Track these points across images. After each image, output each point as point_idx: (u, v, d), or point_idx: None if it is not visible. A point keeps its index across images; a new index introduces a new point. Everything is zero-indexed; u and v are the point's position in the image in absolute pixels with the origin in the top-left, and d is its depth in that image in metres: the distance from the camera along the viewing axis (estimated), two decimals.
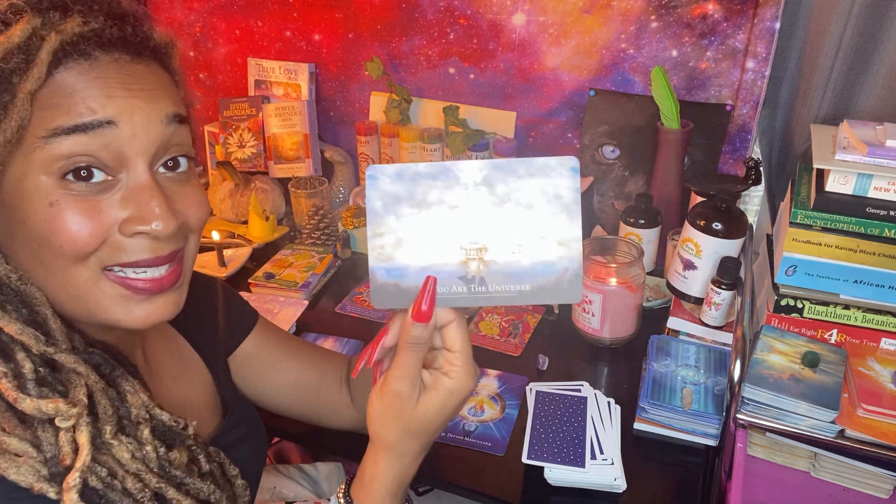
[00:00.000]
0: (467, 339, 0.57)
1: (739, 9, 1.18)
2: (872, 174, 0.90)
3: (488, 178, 0.54)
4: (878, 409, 0.81)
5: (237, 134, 1.61)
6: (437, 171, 0.54)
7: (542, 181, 0.53)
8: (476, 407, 1.02)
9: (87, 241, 0.53)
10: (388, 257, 0.54)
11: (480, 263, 0.54)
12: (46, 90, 0.50)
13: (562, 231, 0.53)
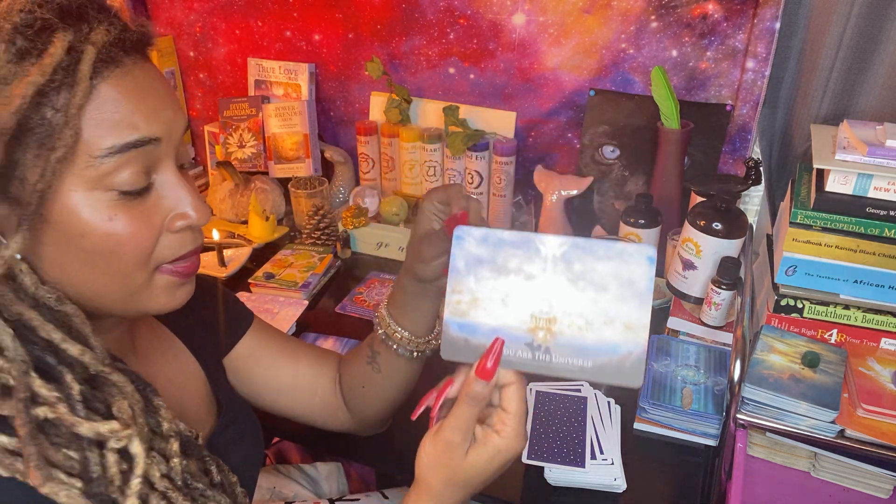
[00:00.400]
0: (523, 403, 0.58)
1: (739, 9, 1.18)
2: (872, 174, 0.90)
3: (567, 255, 0.56)
4: (878, 409, 0.81)
5: (237, 134, 1.61)
6: (521, 241, 0.57)
7: (618, 265, 0.55)
8: None
9: (149, 245, 0.57)
10: (463, 313, 0.58)
11: (548, 334, 0.56)
12: (91, 105, 0.51)
13: (631, 316, 0.55)
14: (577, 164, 1.42)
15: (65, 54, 0.50)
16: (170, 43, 1.66)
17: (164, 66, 1.65)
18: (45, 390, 0.50)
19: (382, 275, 1.39)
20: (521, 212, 1.51)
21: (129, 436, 0.53)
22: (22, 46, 0.49)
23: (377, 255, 1.46)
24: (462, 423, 0.58)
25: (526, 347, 0.57)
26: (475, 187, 1.48)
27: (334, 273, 1.41)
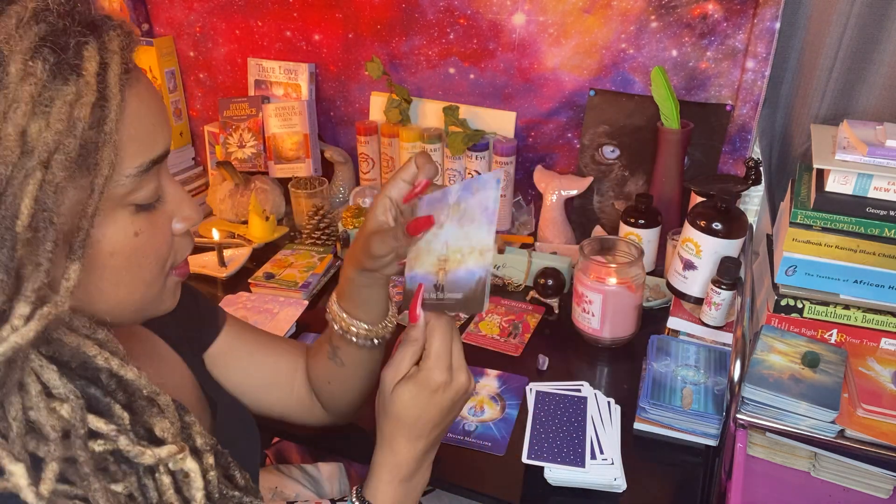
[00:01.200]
0: (444, 340, 0.64)
1: (739, 9, 1.18)
2: (872, 174, 0.90)
3: (459, 199, 0.62)
4: (878, 409, 0.81)
5: (237, 134, 1.61)
6: (441, 196, 0.64)
7: (482, 195, 0.60)
8: (476, 407, 1.02)
9: (168, 252, 0.58)
10: (412, 267, 0.66)
11: (443, 273, 0.63)
12: (122, 120, 0.49)
13: (483, 240, 0.59)
14: (577, 164, 1.42)
15: (98, 66, 0.47)
16: (170, 43, 1.66)
17: (164, 66, 1.65)
18: (103, 424, 0.49)
19: None
20: (521, 212, 1.51)
21: (185, 456, 0.53)
22: (54, 61, 0.45)
23: None
24: (397, 363, 0.65)
25: (433, 289, 0.64)
26: None
27: (334, 273, 1.41)
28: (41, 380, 0.47)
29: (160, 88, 1.66)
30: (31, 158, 0.44)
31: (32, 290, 0.45)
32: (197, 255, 1.45)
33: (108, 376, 0.53)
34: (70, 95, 0.45)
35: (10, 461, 0.45)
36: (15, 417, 0.46)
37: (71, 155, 0.46)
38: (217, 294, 1.34)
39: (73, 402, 0.48)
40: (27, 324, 0.45)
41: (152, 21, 1.66)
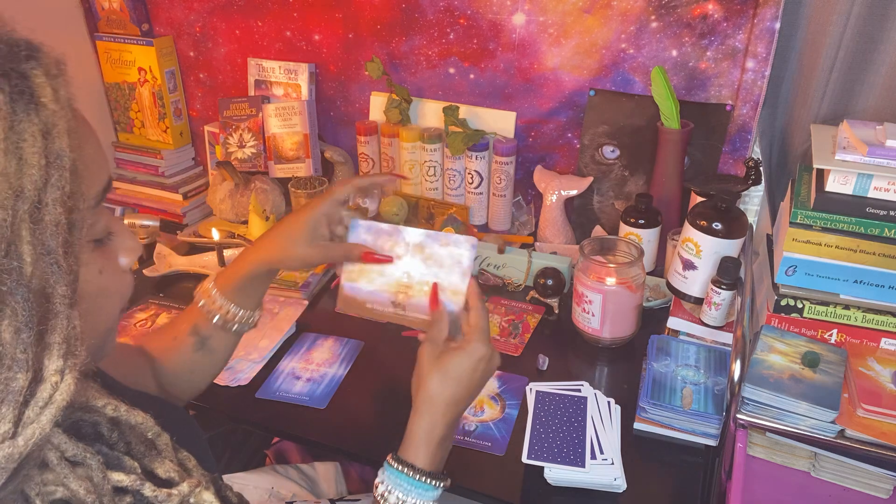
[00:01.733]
0: (484, 318, 0.75)
1: (739, 9, 1.18)
2: (872, 174, 0.90)
3: (422, 243, 0.80)
4: (878, 409, 0.81)
5: (237, 134, 1.61)
6: (392, 231, 0.82)
7: (453, 251, 0.79)
8: (476, 407, 1.02)
9: (126, 290, 0.53)
10: (354, 279, 0.84)
11: (405, 296, 0.82)
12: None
13: (456, 284, 0.79)
14: (577, 164, 1.42)
15: (52, 92, 0.42)
16: (170, 43, 1.66)
17: (164, 66, 1.65)
18: (124, 476, 0.48)
19: None
20: (521, 212, 1.51)
21: (202, 489, 0.53)
22: (9, 90, 0.40)
23: None
24: (432, 338, 0.75)
25: (390, 304, 0.83)
26: (475, 187, 1.48)
27: (334, 273, 1.41)
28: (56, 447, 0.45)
29: (160, 88, 1.66)
30: (23, 201, 0.39)
31: (60, 341, 0.42)
32: (197, 256, 1.45)
33: (108, 428, 0.51)
34: (39, 127, 0.40)
35: None
36: (38, 494, 0.43)
37: (65, 189, 0.42)
38: None
39: (91, 462, 0.46)
40: (63, 379, 0.41)
41: (152, 21, 1.66)
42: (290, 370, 1.12)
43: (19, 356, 0.39)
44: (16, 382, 0.39)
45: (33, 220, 0.40)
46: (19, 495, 0.42)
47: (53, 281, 0.41)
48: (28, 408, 0.40)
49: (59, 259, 0.41)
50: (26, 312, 0.39)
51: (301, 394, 1.07)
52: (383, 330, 1.19)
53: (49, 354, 0.41)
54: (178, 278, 1.40)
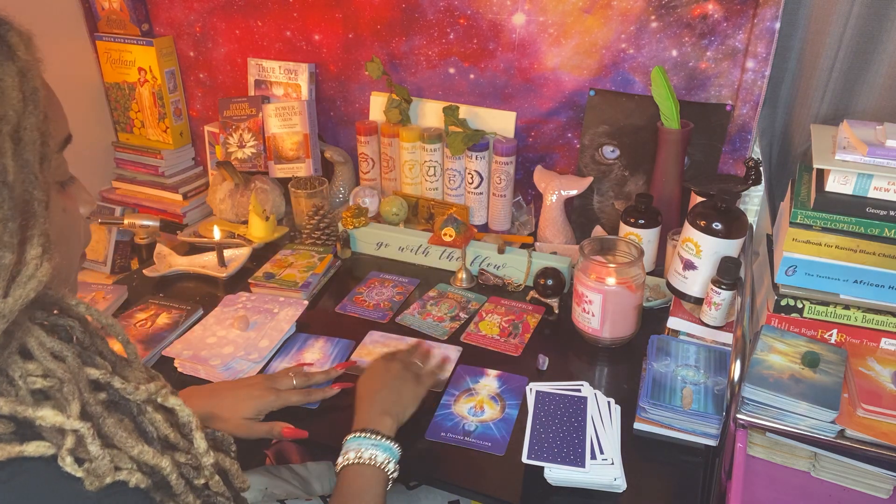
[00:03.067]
0: None
1: (739, 9, 1.18)
2: (872, 174, 0.90)
3: None
4: (878, 409, 0.81)
5: (237, 134, 1.61)
6: None
7: None
8: (476, 407, 1.02)
9: (85, 236, 0.62)
10: None
11: None
12: None
13: None
14: (577, 164, 1.42)
15: (21, 44, 0.51)
16: (170, 43, 1.66)
17: (164, 66, 1.65)
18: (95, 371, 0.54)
19: (382, 275, 1.39)
20: (521, 212, 1.51)
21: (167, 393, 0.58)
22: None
23: (377, 255, 1.47)
24: None
25: None
26: (475, 187, 1.48)
27: (334, 273, 1.41)
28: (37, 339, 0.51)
29: (160, 88, 1.66)
30: (6, 123, 0.49)
31: (38, 234, 0.50)
32: (197, 255, 1.45)
33: (81, 332, 0.57)
34: (16, 71, 0.50)
35: (33, 410, 0.48)
36: (21, 377, 0.50)
37: (39, 117, 0.51)
38: (217, 294, 1.34)
39: (68, 355, 0.52)
40: (42, 264, 0.50)
41: (152, 21, 1.66)
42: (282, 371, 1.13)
43: (6, 240, 0.48)
44: (4, 260, 0.48)
45: (14, 139, 0.49)
46: (3, 376, 0.50)
47: (31, 187, 0.50)
48: (14, 282, 0.48)
49: (35, 171, 0.51)
50: (10, 207, 0.48)
51: None
52: (379, 329, 1.20)
53: (30, 244, 0.50)
54: (178, 278, 1.40)
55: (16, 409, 0.48)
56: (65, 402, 0.50)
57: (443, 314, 1.25)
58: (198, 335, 1.18)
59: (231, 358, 1.12)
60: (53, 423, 0.49)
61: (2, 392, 0.49)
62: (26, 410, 0.48)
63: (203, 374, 1.10)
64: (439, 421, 1.00)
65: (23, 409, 0.48)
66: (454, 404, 1.03)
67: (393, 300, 1.30)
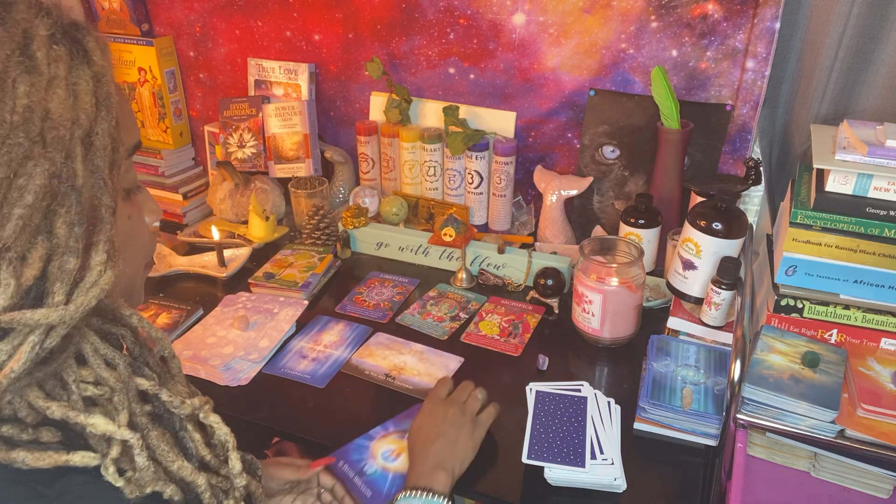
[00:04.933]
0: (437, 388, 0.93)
1: (739, 9, 1.18)
2: (872, 174, 0.90)
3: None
4: (878, 409, 0.81)
5: (237, 134, 1.61)
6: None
7: None
8: (394, 453, 0.92)
9: (149, 245, 0.64)
10: None
11: None
12: None
13: None
14: (577, 164, 1.42)
15: (98, 49, 0.52)
16: (170, 43, 1.66)
17: (164, 66, 1.65)
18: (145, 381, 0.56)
19: (382, 275, 1.39)
20: (521, 212, 1.51)
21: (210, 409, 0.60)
22: (69, 47, 0.50)
23: (377, 255, 1.46)
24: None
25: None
26: (475, 187, 1.48)
27: (334, 273, 1.41)
28: (92, 345, 0.52)
29: (160, 88, 1.66)
30: (78, 127, 0.49)
31: (104, 240, 0.50)
32: (197, 255, 1.45)
33: (132, 343, 0.57)
34: (91, 76, 0.50)
35: (85, 416, 0.49)
36: (75, 381, 0.50)
37: (112, 123, 0.51)
38: (217, 294, 1.34)
39: (120, 363, 0.53)
40: (106, 271, 0.50)
41: (152, 21, 1.66)
42: (299, 349, 1.17)
43: (72, 245, 0.48)
44: (68, 265, 0.48)
45: (85, 144, 0.49)
46: (58, 380, 0.50)
47: (100, 193, 0.50)
48: (77, 288, 0.49)
49: (105, 177, 0.50)
50: (78, 211, 0.49)
51: (304, 372, 1.11)
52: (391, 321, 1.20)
53: (96, 249, 0.50)
54: (178, 278, 1.40)
55: (68, 413, 0.49)
56: (114, 411, 0.51)
57: (443, 314, 1.25)
58: (198, 335, 1.18)
59: (231, 358, 1.12)
60: (105, 430, 0.49)
61: (55, 396, 0.50)
62: (78, 416, 0.49)
63: (203, 375, 1.10)
64: (350, 450, 0.93)
65: (75, 414, 0.49)
66: (375, 439, 0.94)
67: (393, 300, 1.30)
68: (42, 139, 0.47)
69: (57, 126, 0.47)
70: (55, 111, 0.47)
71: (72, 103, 0.49)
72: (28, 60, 0.47)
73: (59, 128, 0.47)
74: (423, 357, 1.13)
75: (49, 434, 0.50)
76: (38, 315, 0.46)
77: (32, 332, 0.47)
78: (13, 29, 0.47)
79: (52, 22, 0.50)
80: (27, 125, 0.46)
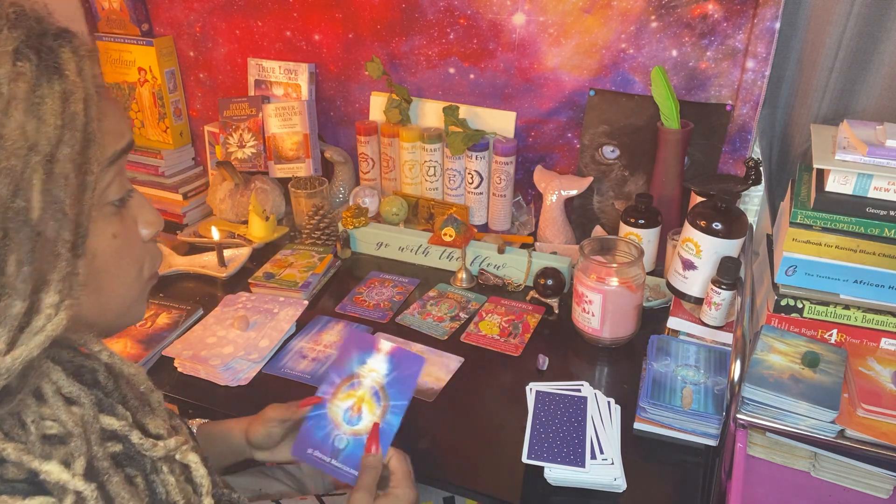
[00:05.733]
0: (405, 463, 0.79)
1: (739, 9, 1.18)
2: (872, 174, 0.90)
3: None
4: (878, 409, 0.81)
5: (237, 134, 1.61)
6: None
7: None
8: (353, 409, 0.82)
9: (143, 258, 0.58)
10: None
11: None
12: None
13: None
14: (577, 164, 1.42)
15: (76, 67, 0.48)
16: (170, 43, 1.66)
17: (164, 66, 1.65)
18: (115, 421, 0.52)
19: (382, 275, 1.39)
20: (521, 212, 1.51)
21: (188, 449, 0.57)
22: (37, 62, 0.47)
23: (377, 255, 1.47)
24: (366, 485, 0.74)
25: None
26: (475, 187, 1.48)
27: (334, 273, 1.41)
28: (53, 382, 0.49)
29: (160, 88, 1.66)
30: (36, 153, 0.45)
31: (58, 279, 0.46)
32: (197, 255, 1.45)
33: (105, 377, 0.54)
34: (59, 93, 0.47)
35: (40, 462, 0.46)
36: (33, 421, 0.47)
37: (76, 148, 0.47)
38: (217, 294, 1.34)
39: (85, 401, 0.50)
40: (58, 313, 0.46)
41: (152, 21, 1.66)
42: (299, 349, 1.17)
43: (19, 286, 0.44)
44: (13, 308, 0.44)
45: (45, 171, 0.45)
46: (16, 419, 0.47)
47: (59, 227, 0.46)
48: (23, 333, 0.45)
49: (65, 208, 0.46)
50: (29, 249, 0.44)
51: (304, 372, 1.11)
52: (390, 320, 1.20)
53: (47, 290, 0.46)
54: (178, 278, 1.40)
55: (22, 458, 0.46)
56: (70, 456, 0.48)
57: (443, 314, 1.25)
58: (198, 335, 1.18)
59: (231, 358, 1.12)
60: (58, 479, 0.46)
61: (12, 437, 0.47)
62: (33, 461, 0.46)
63: (203, 375, 1.10)
64: (310, 428, 0.83)
65: (29, 459, 0.46)
66: (332, 400, 0.83)
67: (393, 300, 1.30)
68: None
69: (9, 155, 0.43)
70: (9, 137, 0.44)
71: (33, 126, 0.45)
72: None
73: (10, 157, 0.43)
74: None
75: (15, 470, 0.46)
76: None
77: None
78: None
79: (22, 33, 0.46)
80: None
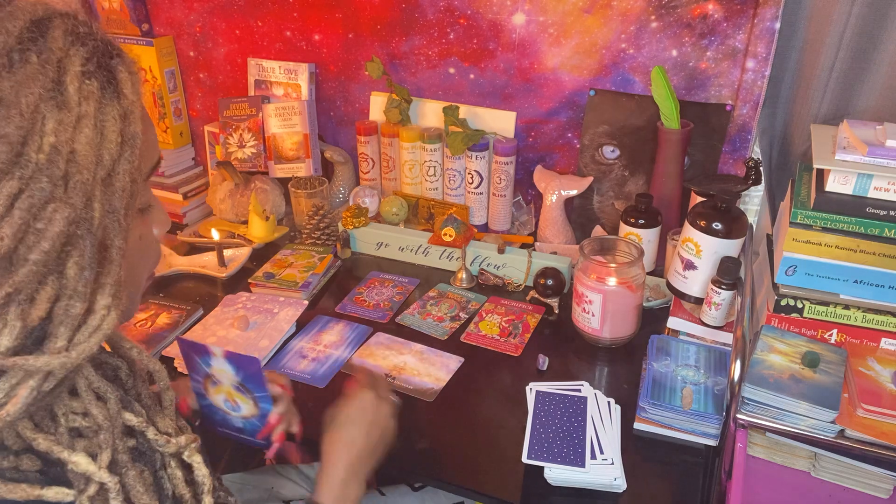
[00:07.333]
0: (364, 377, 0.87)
1: (739, 9, 1.18)
2: (872, 174, 0.90)
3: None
4: (878, 409, 0.81)
5: (237, 134, 1.61)
6: None
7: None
8: (229, 399, 0.87)
9: (158, 259, 0.63)
10: None
11: None
12: None
13: None
14: (577, 164, 1.42)
15: (132, 86, 0.52)
16: (170, 43, 1.66)
17: (164, 66, 1.65)
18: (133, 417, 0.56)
19: (382, 275, 1.39)
20: (522, 212, 1.51)
21: (196, 448, 0.60)
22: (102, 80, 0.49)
23: (377, 255, 1.46)
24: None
25: None
26: (475, 187, 1.48)
27: (334, 273, 1.41)
28: (86, 378, 0.53)
29: (160, 88, 1.66)
30: (101, 167, 0.49)
31: (111, 284, 0.50)
32: (197, 255, 1.45)
33: (126, 374, 0.58)
34: (119, 111, 0.50)
35: (69, 454, 0.49)
36: (64, 414, 0.51)
37: (134, 163, 0.51)
38: (217, 294, 1.34)
39: (111, 397, 0.53)
40: (110, 313, 0.50)
41: (152, 21, 1.66)
42: (299, 349, 1.17)
43: (80, 289, 0.48)
44: (74, 309, 0.48)
45: (105, 184, 0.49)
46: (47, 411, 0.50)
47: (113, 235, 0.50)
48: (80, 332, 0.48)
49: (120, 218, 0.50)
50: (90, 255, 0.48)
51: (304, 372, 1.11)
52: (391, 321, 1.20)
53: (102, 292, 0.50)
54: (178, 278, 1.40)
55: (52, 447, 0.49)
56: (97, 448, 0.51)
57: (443, 314, 1.25)
58: (198, 335, 1.18)
59: None
60: (85, 470, 0.49)
61: (43, 427, 0.50)
62: (62, 452, 0.49)
63: None
64: (207, 413, 0.89)
65: (59, 449, 0.49)
66: (207, 394, 0.88)
67: (393, 300, 1.30)
68: (65, 182, 0.46)
69: (81, 169, 0.47)
70: (81, 152, 0.47)
71: (98, 142, 0.48)
72: (60, 96, 0.46)
73: (82, 171, 0.47)
74: (423, 357, 1.13)
75: (29, 462, 0.49)
76: (39, 362, 0.46)
77: (31, 377, 0.46)
78: (49, 59, 0.46)
79: (88, 52, 0.49)
80: (51, 167, 0.45)
